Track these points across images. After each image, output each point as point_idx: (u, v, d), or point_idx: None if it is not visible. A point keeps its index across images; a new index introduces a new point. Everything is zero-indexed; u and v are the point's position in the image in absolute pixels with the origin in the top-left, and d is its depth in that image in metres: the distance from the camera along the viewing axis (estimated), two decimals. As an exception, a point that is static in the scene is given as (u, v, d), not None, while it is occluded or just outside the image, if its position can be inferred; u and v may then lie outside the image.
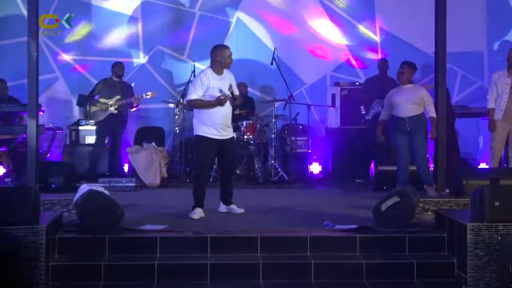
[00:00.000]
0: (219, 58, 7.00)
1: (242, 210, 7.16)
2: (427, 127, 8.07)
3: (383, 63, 10.84)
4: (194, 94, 7.00)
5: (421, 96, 8.01)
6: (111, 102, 10.08)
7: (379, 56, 11.40)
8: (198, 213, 6.90)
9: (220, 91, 6.92)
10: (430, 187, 7.88)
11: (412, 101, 7.99)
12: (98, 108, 10.13)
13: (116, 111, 10.09)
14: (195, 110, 7.18)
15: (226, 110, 7.02)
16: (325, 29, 11.66)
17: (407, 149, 8.03)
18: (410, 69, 8.20)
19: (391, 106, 8.14)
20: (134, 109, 10.34)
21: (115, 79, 10.30)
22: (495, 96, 8.62)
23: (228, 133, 7.12)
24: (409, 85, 8.11)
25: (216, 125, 6.94)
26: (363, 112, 10.66)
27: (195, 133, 7.16)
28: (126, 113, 10.34)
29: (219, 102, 6.91)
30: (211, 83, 6.95)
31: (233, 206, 7.21)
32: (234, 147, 7.49)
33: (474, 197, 5.85)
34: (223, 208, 7.25)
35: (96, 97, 10.24)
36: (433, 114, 7.93)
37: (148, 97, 10.19)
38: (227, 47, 7.19)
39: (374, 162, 9.32)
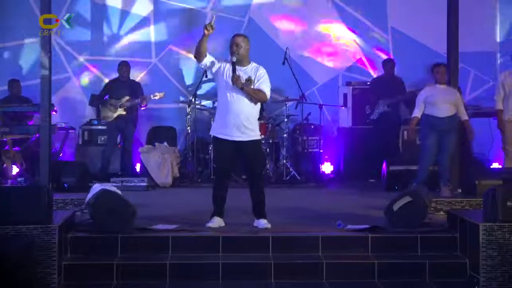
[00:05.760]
0: (230, 47, 6.45)
1: (267, 225, 6.37)
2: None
3: (388, 63, 10.80)
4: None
5: (457, 98, 7.96)
6: (120, 103, 10.10)
7: (391, 56, 11.37)
8: (215, 222, 6.41)
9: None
10: (445, 187, 7.84)
11: (450, 102, 7.90)
12: (107, 108, 10.17)
13: (125, 112, 10.12)
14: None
15: (241, 109, 6.30)
16: (337, 29, 11.65)
17: (435, 148, 7.94)
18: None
19: (427, 104, 7.99)
20: (144, 107, 10.37)
21: (122, 79, 10.33)
22: (502, 97, 8.54)
23: (247, 135, 6.35)
24: (444, 85, 8.02)
25: (228, 124, 6.31)
26: (368, 112, 10.65)
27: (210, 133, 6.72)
28: (136, 112, 10.38)
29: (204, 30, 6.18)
30: (226, 69, 6.39)
31: (259, 221, 6.41)
32: (256, 151, 6.52)
33: (487, 197, 5.83)
34: (255, 223, 6.48)
35: (106, 97, 10.29)
36: (467, 117, 7.97)
37: (156, 98, 10.18)
38: (234, 35, 6.52)
39: (386, 162, 9.30)
